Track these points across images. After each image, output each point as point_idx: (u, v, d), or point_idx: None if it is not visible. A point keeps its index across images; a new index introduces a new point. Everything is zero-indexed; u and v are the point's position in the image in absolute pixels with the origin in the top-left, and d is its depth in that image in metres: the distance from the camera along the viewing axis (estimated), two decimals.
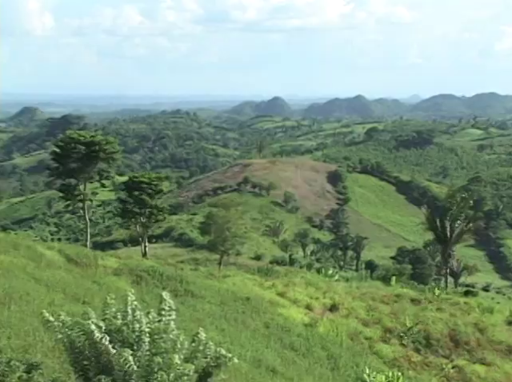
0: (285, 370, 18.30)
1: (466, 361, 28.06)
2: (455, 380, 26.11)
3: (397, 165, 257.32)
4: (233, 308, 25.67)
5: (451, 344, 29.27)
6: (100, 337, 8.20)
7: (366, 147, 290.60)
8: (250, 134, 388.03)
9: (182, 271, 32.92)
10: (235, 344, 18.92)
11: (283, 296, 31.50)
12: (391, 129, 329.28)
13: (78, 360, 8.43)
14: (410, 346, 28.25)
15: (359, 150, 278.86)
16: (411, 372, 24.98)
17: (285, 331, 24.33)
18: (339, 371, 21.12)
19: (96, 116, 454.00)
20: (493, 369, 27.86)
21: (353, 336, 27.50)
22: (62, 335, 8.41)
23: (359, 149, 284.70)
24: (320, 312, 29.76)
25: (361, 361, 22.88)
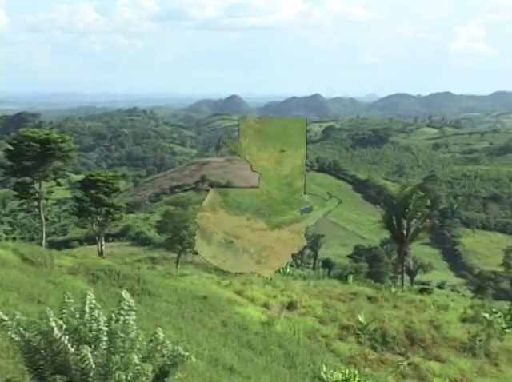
0: (242, 368, 18.30)
1: (422, 358, 28.32)
2: (411, 376, 26.35)
3: (353, 164, 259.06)
4: (190, 307, 25.61)
5: (407, 341, 29.53)
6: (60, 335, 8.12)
7: (322, 146, 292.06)
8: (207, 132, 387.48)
9: (138, 270, 32.75)
10: (192, 343, 18.87)
11: (241, 294, 31.50)
12: (348, 127, 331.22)
13: (34, 360, 8.34)
14: (367, 344, 28.43)
15: (316, 149, 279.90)
16: (367, 370, 25.14)
17: (242, 329, 24.34)
18: (296, 369, 21.18)
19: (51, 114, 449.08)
20: (447, 366, 28.17)
21: (310, 334, 27.60)
22: (17, 334, 8.31)
23: (316, 147, 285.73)
24: (277, 311, 29.81)
25: (318, 359, 22.98)
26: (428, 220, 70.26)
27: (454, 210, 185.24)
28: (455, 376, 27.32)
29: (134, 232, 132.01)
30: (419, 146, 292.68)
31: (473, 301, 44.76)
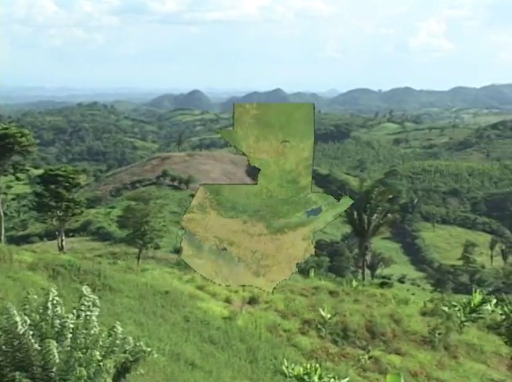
0: (204, 363, 18.28)
1: (382, 352, 28.53)
2: (371, 370, 26.53)
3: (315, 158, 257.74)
4: (151, 302, 25.51)
5: (368, 335, 29.72)
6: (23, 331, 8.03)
7: None
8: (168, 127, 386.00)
9: (99, 265, 32.51)
10: (154, 338, 18.80)
11: (202, 289, 31.44)
12: None
13: None
14: (328, 338, 28.57)
15: None
16: (329, 364, 25.25)
17: (204, 324, 24.31)
18: (258, 363, 21.21)
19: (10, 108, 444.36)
20: (408, 359, 28.43)
21: (271, 328, 27.64)
22: None
23: None
24: (239, 305, 29.82)
25: (279, 353, 23.03)
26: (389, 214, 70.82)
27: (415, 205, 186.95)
28: (415, 369, 27.60)
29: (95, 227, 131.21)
30: (380, 141, 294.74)
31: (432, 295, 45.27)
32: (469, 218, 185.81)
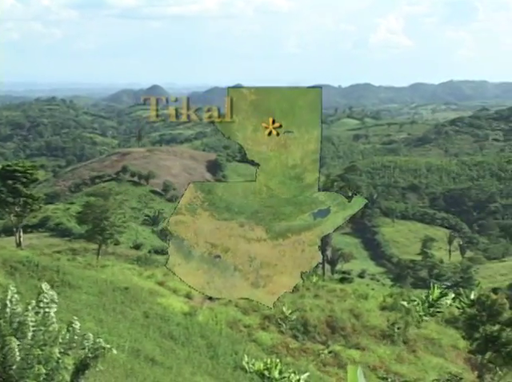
0: (164, 359, 18.23)
1: (342, 346, 28.69)
2: (331, 364, 26.66)
3: None
4: (111, 298, 25.36)
5: (328, 330, 29.87)
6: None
7: None
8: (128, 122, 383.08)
9: (58, 261, 32.27)
10: (113, 335, 18.70)
11: (163, 285, 31.34)
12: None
13: None
14: (288, 333, 28.65)
15: None
16: (289, 359, 25.34)
17: (164, 320, 24.24)
18: (218, 359, 21.20)
19: None
20: (367, 353, 28.62)
21: (232, 324, 27.65)
22: None
23: None
24: (200, 301, 29.76)
25: (240, 349, 23.05)
26: None
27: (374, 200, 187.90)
28: (374, 364, 27.78)
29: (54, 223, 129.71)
30: (340, 137, 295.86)
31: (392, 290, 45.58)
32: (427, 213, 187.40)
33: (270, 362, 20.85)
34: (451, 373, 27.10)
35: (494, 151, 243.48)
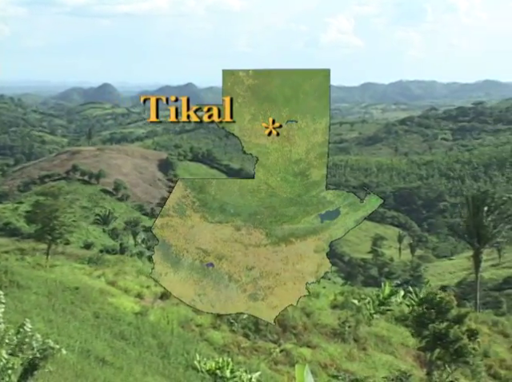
0: (115, 359, 18.11)
1: (293, 345, 28.81)
2: (283, 363, 26.76)
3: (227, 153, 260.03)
4: (61, 299, 25.11)
5: (279, 328, 29.96)
6: None
7: (196, 135, 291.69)
8: (78, 121, 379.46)
9: (6, 261, 31.86)
10: (63, 335, 18.52)
11: (114, 285, 31.14)
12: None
13: None
14: (240, 332, 28.67)
15: (190, 138, 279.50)
16: (241, 357, 25.37)
17: (115, 320, 24.09)
18: (170, 358, 21.13)
19: None
20: (318, 352, 28.79)
21: (184, 323, 27.59)
22: None
23: (190, 136, 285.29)
24: (151, 301, 29.64)
25: (191, 348, 23.02)
26: None
27: None
28: (325, 362, 27.96)
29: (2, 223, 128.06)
30: None
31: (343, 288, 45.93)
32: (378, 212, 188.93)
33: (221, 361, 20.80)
34: (400, 370, 27.39)
35: (443, 150, 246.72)
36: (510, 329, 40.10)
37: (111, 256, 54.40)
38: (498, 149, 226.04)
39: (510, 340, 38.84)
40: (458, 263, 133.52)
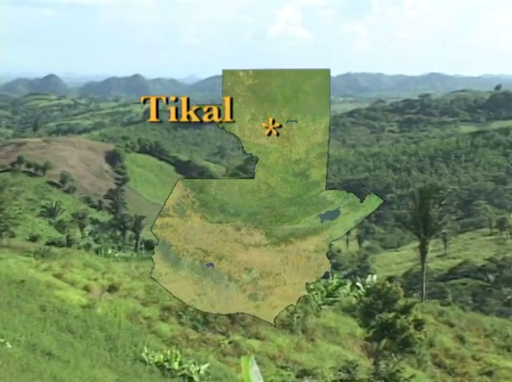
0: (61, 353, 17.92)
1: (242, 336, 28.87)
2: (231, 355, 26.79)
3: (175, 145, 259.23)
4: (6, 292, 24.76)
5: (228, 320, 29.97)
6: None
7: (144, 127, 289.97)
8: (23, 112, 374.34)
9: None
10: (8, 329, 18.25)
11: (60, 277, 30.81)
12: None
13: None
14: (188, 324, 28.62)
15: (138, 130, 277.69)
16: (189, 350, 25.33)
17: (62, 313, 23.84)
18: (117, 351, 21.00)
19: None
20: (267, 343, 28.89)
21: (132, 316, 27.45)
22: None
23: (138, 128, 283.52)
24: (98, 294, 29.41)
25: (139, 341, 22.90)
26: None
27: None
28: (274, 353, 28.07)
29: None
30: None
31: None
32: None
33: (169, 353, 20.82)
34: (348, 360, 27.62)
35: (390, 142, 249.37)
36: (454, 319, 40.73)
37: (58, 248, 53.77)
38: (444, 141, 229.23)
39: (454, 329, 39.45)
40: (405, 254, 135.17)
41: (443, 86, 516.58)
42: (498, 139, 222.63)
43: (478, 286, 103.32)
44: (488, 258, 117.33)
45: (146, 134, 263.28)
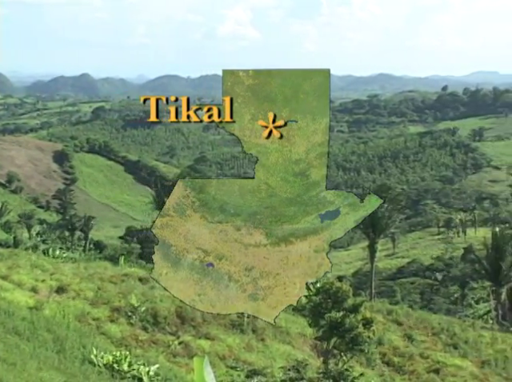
0: (7, 355, 17.64)
1: (192, 337, 28.80)
2: (181, 355, 26.72)
3: (125, 145, 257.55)
4: None
5: (178, 320, 29.89)
6: None
7: (93, 126, 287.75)
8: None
9: None
10: None
11: (7, 279, 30.36)
12: (119, 108, 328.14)
13: None
14: (138, 325, 28.46)
15: (86, 129, 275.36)
16: (139, 350, 25.18)
17: (8, 315, 23.46)
18: (66, 353, 20.76)
19: None
20: (217, 343, 28.87)
21: (80, 317, 27.18)
22: None
23: (86, 128, 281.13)
24: (46, 295, 29.08)
25: (88, 342, 22.66)
26: None
27: None
28: (224, 353, 28.06)
29: None
30: (190, 128, 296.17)
31: None
32: None
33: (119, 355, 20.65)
34: (297, 360, 27.73)
35: (339, 142, 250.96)
36: (403, 317, 41.17)
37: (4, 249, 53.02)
38: (392, 141, 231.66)
39: (403, 328, 39.88)
40: (354, 253, 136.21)
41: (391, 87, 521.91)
42: (445, 139, 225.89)
43: (425, 285, 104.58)
44: (435, 257, 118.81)
45: (95, 134, 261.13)
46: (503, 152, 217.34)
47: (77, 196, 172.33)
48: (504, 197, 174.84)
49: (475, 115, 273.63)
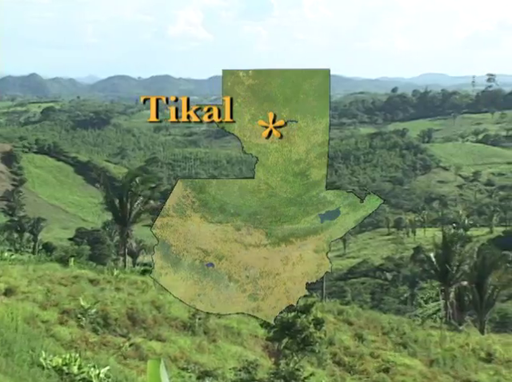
0: None
1: (143, 338, 28.66)
2: (132, 357, 26.57)
3: (75, 146, 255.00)
4: None
5: (129, 322, 29.73)
6: None
7: (42, 127, 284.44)
8: None
9: None
10: None
11: None
12: (68, 108, 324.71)
13: None
14: (88, 327, 28.22)
15: (35, 130, 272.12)
16: (89, 353, 24.97)
17: None
18: (14, 356, 20.48)
19: None
20: (168, 345, 28.78)
21: (29, 319, 26.86)
22: None
23: (35, 128, 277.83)
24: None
25: (37, 345, 22.41)
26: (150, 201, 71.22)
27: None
28: (175, 354, 27.99)
29: None
30: (141, 129, 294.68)
31: None
32: None
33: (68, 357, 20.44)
34: (248, 361, 27.78)
35: None
36: (353, 317, 41.49)
37: None
38: (343, 143, 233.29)
39: (353, 327, 40.19)
40: None
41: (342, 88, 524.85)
42: (395, 140, 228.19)
43: (376, 285, 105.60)
44: (386, 257, 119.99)
45: (44, 134, 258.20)
46: (451, 153, 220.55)
47: (26, 198, 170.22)
48: (452, 198, 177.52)
49: (424, 116, 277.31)
